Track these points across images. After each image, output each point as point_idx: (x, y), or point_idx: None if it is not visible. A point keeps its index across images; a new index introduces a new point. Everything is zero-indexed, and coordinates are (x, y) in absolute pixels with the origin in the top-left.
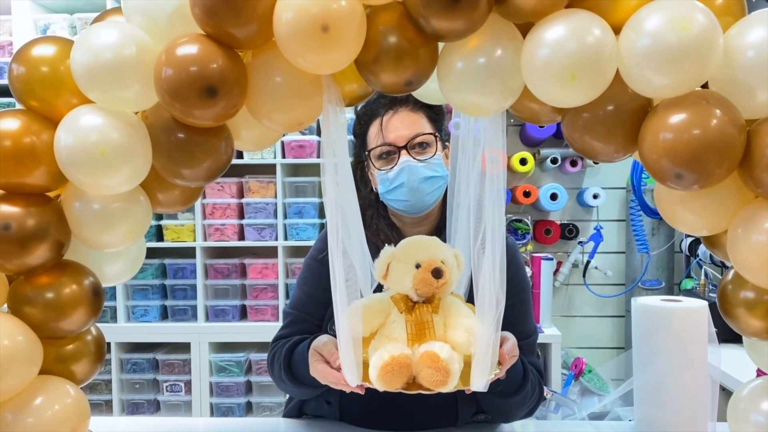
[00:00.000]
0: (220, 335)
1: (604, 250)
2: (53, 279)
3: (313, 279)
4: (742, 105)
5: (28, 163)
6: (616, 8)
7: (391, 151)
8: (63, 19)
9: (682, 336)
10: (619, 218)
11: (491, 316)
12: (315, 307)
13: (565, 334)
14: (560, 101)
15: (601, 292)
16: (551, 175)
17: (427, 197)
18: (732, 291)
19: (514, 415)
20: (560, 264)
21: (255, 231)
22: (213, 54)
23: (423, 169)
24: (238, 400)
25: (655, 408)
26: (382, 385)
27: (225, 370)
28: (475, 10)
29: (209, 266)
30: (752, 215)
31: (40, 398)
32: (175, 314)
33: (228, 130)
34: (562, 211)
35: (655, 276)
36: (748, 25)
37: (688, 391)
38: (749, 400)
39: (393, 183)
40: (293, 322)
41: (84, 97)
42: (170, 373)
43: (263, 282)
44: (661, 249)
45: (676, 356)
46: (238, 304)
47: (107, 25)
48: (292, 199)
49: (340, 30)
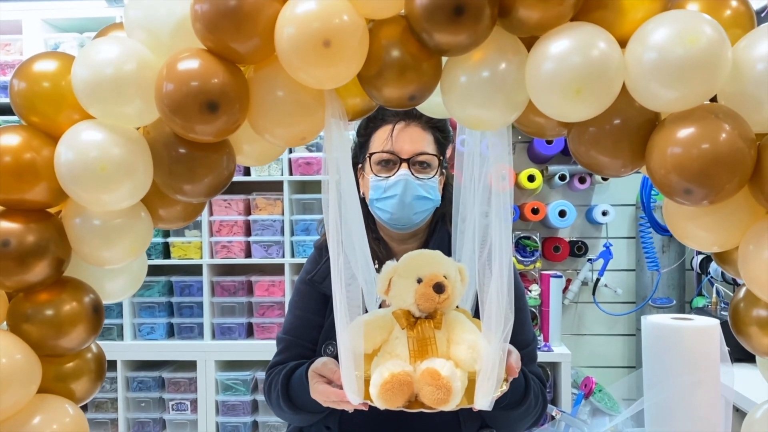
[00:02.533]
0: (227, 353)
1: (614, 267)
2: (53, 296)
3: (304, 302)
4: (752, 119)
5: (29, 179)
6: (622, 21)
7: (392, 161)
8: (73, 38)
9: (693, 355)
10: (629, 235)
11: (498, 333)
12: (308, 330)
13: (575, 352)
14: (565, 115)
15: (611, 310)
16: (560, 192)
17: (414, 216)
18: (744, 309)
19: (519, 427)
20: (569, 282)
21: (262, 248)
22: (214, 69)
23: (419, 187)
24: (244, 419)
25: (666, 428)
26: (383, 403)
27: (231, 388)
28: (478, 23)
29: (216, 283)
30: (764, 231)
31: (38, 417)
32: (182, 332)
33: (230, 145)
34: (571, 229)
35: (666, 294)
36: (757, 38)
37: (700, 411)
38: (762, 422)
39: (386, 192)
40: (287, 348)
41: (85, 113)
42: (176, 392)
43: (270, 299)
44: (671, 267)
45: (688, 375)
46: (244, 322)
47: (108, 40)
48: (299, 216)
49: (342, 45)
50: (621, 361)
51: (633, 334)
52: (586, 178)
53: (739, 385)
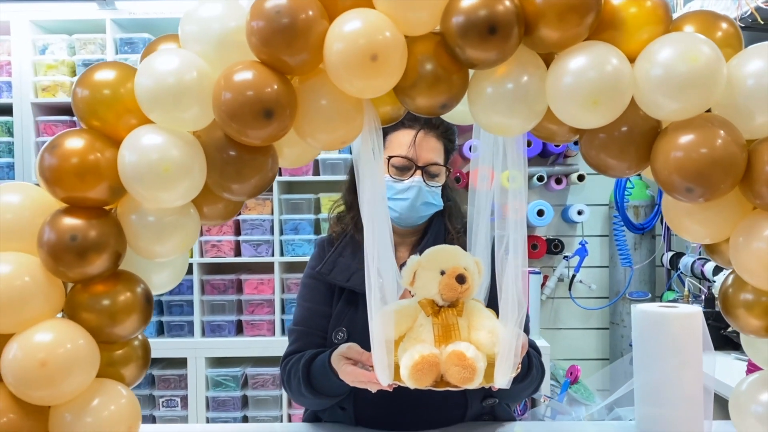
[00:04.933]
0: (217, 350)
1: (589, 264)
2: (109, 287)
3: (312, 294)
4: (743, 127)
5: (92, 179)
6: (630, 41)
7: (409, 166)
8: (62, 39)
9: (679, 339)
10: (603, 233)
11: (514, 318)
12: (318, 320)
13: (553, 345)
14: (582, 123)
15: (586, 305)
16: (537, 193)
17: (419, 218)
18: (733, 293)
19: (524, 396)
20: (546, 278)
21: (251, 247)
22: (268, 79)
23: (428, 194)
24: (234, 414)
25: (654, 407)
26: (413, 382)
27: (221, 384)
28: (508, 41)
29: (206, 282)
30: (752, 225)
31: (97, 399)
32: (171, 330)
33: (274, 148)
34: (548, 227)
35: (638, 289)
36: (747, 57)
37: (685, 391)
38: (749, 393)
39: (399, 194)
40: (300, 338)
41: (142, 118)
42: (166, 389)
43: (259, 297)
44: (643, 263)
45: (674, 358)
46: (234, 320)
47: (168, 52)
48: (288, 215)
49: (387, 58)
50: (595, 353)
51: (607, 327)
52: (562, 179)
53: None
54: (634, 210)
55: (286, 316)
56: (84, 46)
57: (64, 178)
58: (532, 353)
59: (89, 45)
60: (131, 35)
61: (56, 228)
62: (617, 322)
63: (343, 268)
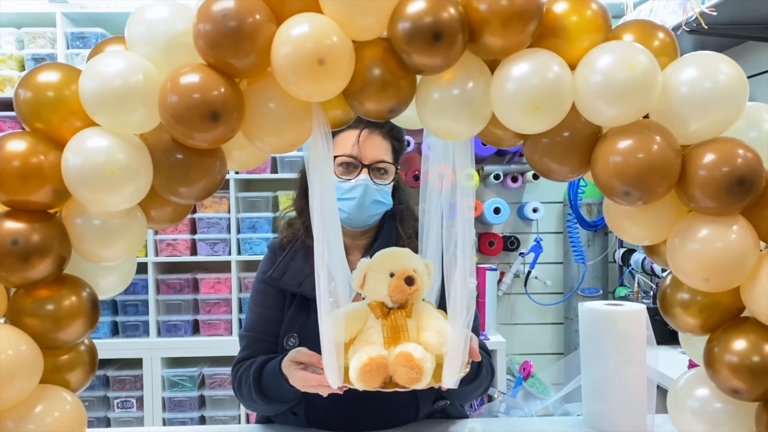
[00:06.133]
0: (173, 350)
1: (544, 260)
2: (53, 292)
3: (263, 299)
4: (678, 132)
5: (35, 181)
6: (571, 48)
7: (354, 165)
8: (10, 33)
9: (624, 336)
10: (557, 230)
11: (462, 319)
12: (269, 325)
13: (509, 340)
14: (525, 128)
15: (541, 301)
16: (494, 190)
17: (369, 218)
18: (670, 293)
19: (474, 397)
20: (503, 274)
21: (208, 246)
22: (215, 82)
23: (376, 192)
24: (192, 415)
25: (601, 403)
26: (362, 384)
27: (178, 385)
28: (452, 48)
29: (161, 281)
30: (687, 227)
31: (40, 406)
32: (126, 330)
33: (222, 151)
34: (505, 224)
35: (590, 284)
36: (682, 66)
37: (630, 387)
38: (686, 389)
39: (346, 194)
40: (251, 343)
41: (87, 120)
42: (121, 390)
43: (216, 297)
44: (596, 259)
45: (619, 355)
46: (190, 319)
47: (114, 54)
48: (245, 214)
49: (334, 63)
50: (550, 348)
51: (561, 322)
52: (518, 177)
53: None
54: (587, 208)
55: (244, 315)
56: (33, 40)
57: (5, 181)
58: (482, 354)
59: (39, 39)
60: (83, 29)
61: None
62: (571, 317)
63: (294, 273)
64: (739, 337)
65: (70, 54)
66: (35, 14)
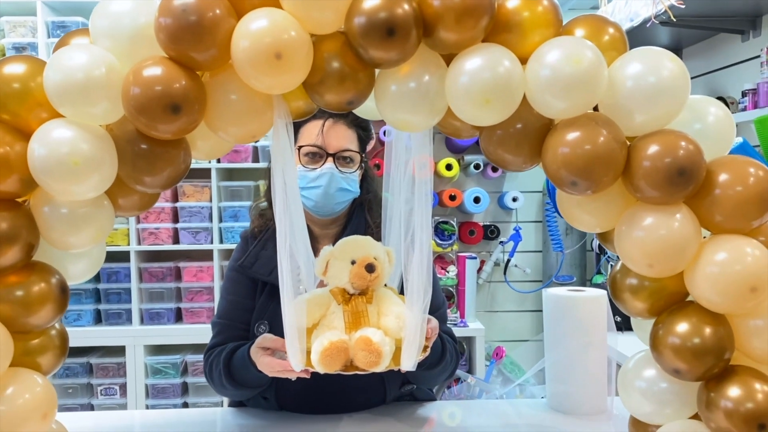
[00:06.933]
0: (156, 338)
1: (523, 249)
2: (22, 278)
3: (235, 287)
4: (624, 125)
5: (1, 171)
6: (523, 44)
7: (319, 154)
8: None
9: (585, 321)
10: (537, 219)
11: (419, 303)
12: (241, 313)
13: (488, 328)
14: (477, 120)
15: (520, 288)
16: (474, 180)
17: (336, 205)
18: (620, 279)
19: (438, 381)
20: (483, 263)
21: (190, 234)
22: (176, 75)
23: (342, 180)
24: (174, 401)
25: (563, 385)
26: (323, 368)
27: (161, 372)
28: (406, 42)
29: (143, 270)
30: (633, 215)
31: (11, 388)
32: (109, 318)
33: (186, 141)
34: (485, 214)
35: (568, 272)
36: (628, 61)
37: (590, 370)
38: (634, 370)
39: (312, 182)
40: (222, 331)
41: (53, 111)
42: (105, 377)
43: (198, 285)
44: (574, 248)
45: (581, 338)
46: (173, 307)
47: (78, 47)
48: (227, 203)
49: (292, 57)
50: (530, 334)
51: (540, 309)
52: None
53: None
54: None
55: None
56: (14, 29)
57: None
58: (447, 339)
59: (19, 28)
60: (63, 18)
61: None
62: None
63: (265, 261)
64: (682, 320)
65: (50, 43)
66: (16, 3)
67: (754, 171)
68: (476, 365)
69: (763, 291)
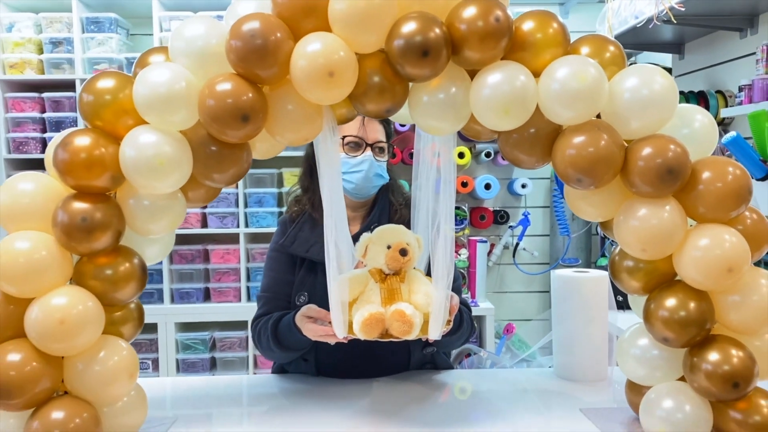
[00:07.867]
0: (186, 316)
1: (531, 233)
2: (111, 259)
3: (277, 265)
4: (622, 130)
5: (97, 169)
6: (536, 61)
7: (360, 144)
8: (28, 17)
9: (588, 299)
10: (545, 205)
11: (443, 282)
12: (283, 286)
13: (498, 307)
14: (497, 126)
15: (528, 270)
16: (485, 167)
17: (372, 188)
18: (618, 261)
19: (457, 345)
20: (493, 246)
21: (217, 219)
22: (245, 89)
23: (378, 167)
24: (204, 375)
25: (568, 356)
26: (363, 335)
27: (190, 347)
28: (438, 61)
29: (174, 252)
30: (629, 207)
31: (103, 352)
32: (142, 297)
33: (249, 144)
34: (495, 199)
35: (575, 255)
36: (625, 75)
37: (593, 342)
38: (630, 339)
39: (354, 168)
40: (267, 302)
41: (138, 119)
42: (138, 352)
43: (225, 266)
44: (580, 232)
45: (585, 314)
46: (202, 287)
47: (161, 65)
48: (252, 189)
49: (342, 74)
50: (537, 314)
51: (547, 291)
52: None
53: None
54: None
55: (252, 283)
56: (50, 25)
57: (74, 169)
58: (464, 310)
59: (56, 24)
60: (97, 14)
61: (68, 211)
62: None
63: (302, 241)
64: (671, 296)
65: (85, 38)
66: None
67: (733, 170)
68: (486, 343)
69: (738, 271)
